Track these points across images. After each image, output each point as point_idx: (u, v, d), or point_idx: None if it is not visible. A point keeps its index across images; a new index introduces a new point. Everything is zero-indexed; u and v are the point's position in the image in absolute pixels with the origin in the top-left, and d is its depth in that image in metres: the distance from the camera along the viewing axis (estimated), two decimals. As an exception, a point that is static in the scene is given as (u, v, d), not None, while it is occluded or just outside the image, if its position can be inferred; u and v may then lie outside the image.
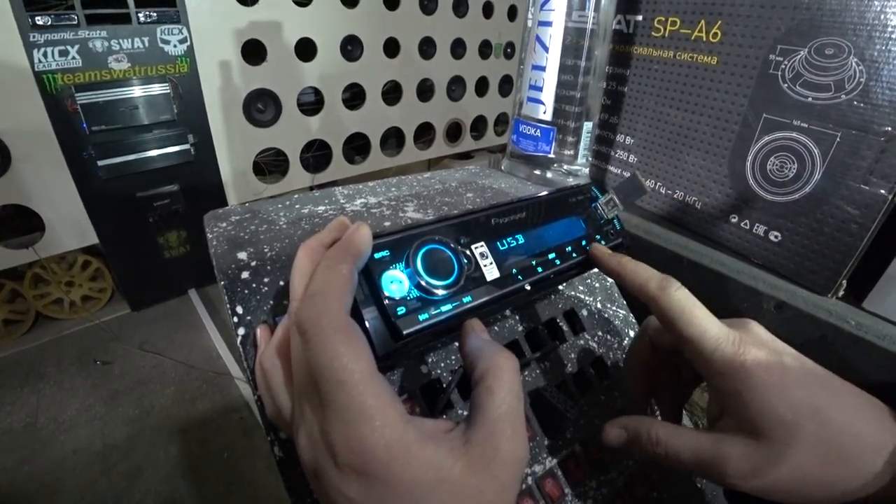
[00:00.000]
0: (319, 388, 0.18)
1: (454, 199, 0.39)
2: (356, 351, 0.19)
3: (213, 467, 1.35)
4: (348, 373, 0.18)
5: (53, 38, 1.38)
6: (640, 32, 0.48)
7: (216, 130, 1.75)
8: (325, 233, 0.24)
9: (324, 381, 0.18)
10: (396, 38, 2.09)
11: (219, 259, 0.29)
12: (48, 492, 1.26)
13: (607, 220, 0.32)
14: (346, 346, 0.18)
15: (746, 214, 0.43)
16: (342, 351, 0.18)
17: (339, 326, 0.19)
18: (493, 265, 0.24)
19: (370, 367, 0.19)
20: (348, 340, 0.19)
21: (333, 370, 0.18)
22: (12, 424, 1.43)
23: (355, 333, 0.19)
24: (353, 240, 0.21)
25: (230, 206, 0.36)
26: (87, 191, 1.57)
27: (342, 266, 0.20)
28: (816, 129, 0.37)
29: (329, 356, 0.18)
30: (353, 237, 0.21)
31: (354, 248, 0.21)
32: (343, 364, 0.18)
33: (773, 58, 0.38)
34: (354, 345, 0.19)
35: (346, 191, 0.40)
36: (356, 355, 0.18)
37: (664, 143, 0.48)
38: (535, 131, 0.47)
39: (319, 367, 0.18)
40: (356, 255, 0.21)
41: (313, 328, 0.19)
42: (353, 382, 0.18)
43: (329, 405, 0.18)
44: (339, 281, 0.20)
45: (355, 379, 0.18)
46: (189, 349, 1.73)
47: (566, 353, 0.35)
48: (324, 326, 0.19)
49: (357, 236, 0.21)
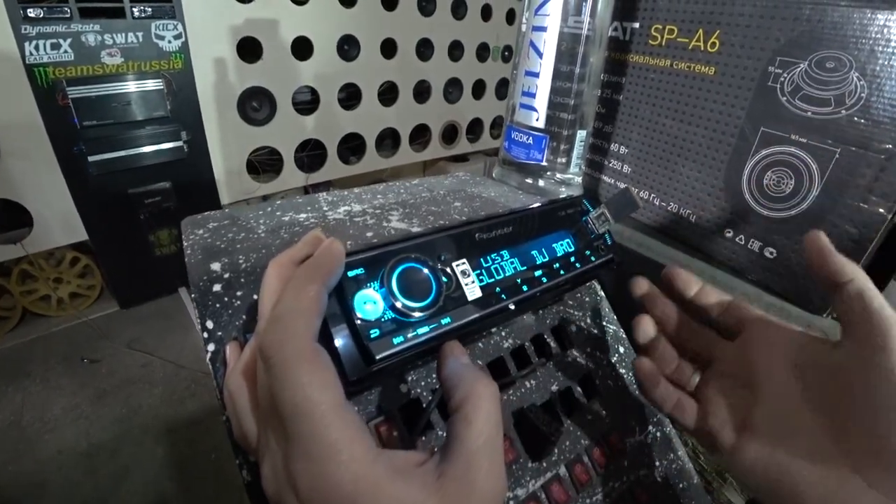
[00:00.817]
0: (282, 420, 0.17)
1: (441, 208, 0.38)
2: (322, 380, 0.17)
3: (201, 468, 1.33)
4: (313, 404, 0.17)
5: (46, 30, 1.36)
6: (636, 40, 0.47)
7: (210, 128, 1.73)
8: (298, 248, 0.22)
9: (287, 413, 0.17)
10: (394, 38, 2.08)
11: (192, 269, 0.28)
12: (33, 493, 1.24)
13: (598, 235, 0.31)
14: (312, 376, 0.17)
15: (742, 229, 0.42)
16: (307, 381, 0.17)
17: (304, 354, 0.18)
18: (475, 284, 0.23)
19: (337, 397, 0.18)
20: (314, 369, 0.17)
21: (297, 402, 0.17)
22: (-4, 423, 1.40)
23: (322, 361, 0.18)
24: (323, 258, 0.20)
25: (209, 213, 0.35)
26: (78, 186, 1.55)
27: (310, 287, 0.19)
28: (815, 144, 0.36)
29: (293, 386, 0.17)
30: (323, 255, 0.20)
31: (325, 267, 0.20)
32: (307, 395, 0.17)
33: (772, 70, 0.37)
34: (321, 374, 0.17)
35: (329, 197, 0.38)
36: (322, 385, 0.17)
37: (659, 153, 0.47)
38: (527, 139, 0.46)
39: (282, 398, 0.17)
40: (327, 275, 0.20)
41: (276, 355, 0.17)
42: (318, 415, 0.17)
43: (292, 438, 0.17)
44: (307, 303, 0.19)
45: (321, 411, 0.17)
46: (178, 348, 1.71)
47: (553, 371, 0.34)
48: (288, 354, 0.17)
49: (328, 254, 0.20)
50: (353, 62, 1.99)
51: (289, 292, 0.19)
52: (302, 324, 0.18)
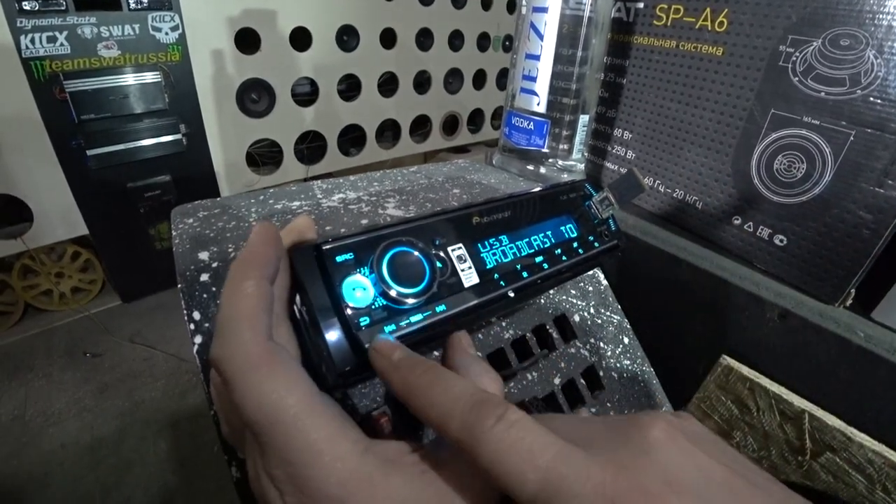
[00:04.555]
0: (253, 432, 0.16)
1: (439, 195, 0.37)
2: (285, 383, 0.16)
3: (204, 462, 1.33)
4: (280, 410, 0.15)
5: (41, 23, 1.34)
6: (640, 21, 0.45)
7: (209, 120, 1.72)
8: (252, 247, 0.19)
9: (254, 425, 0.16)
10: (393, 28, 2.05)
11: (179, 259, 0.27)
12: (36, 486, 1.25)
13: (601, 220, 0.29)
14: (272, 382, 0.16)
15: (750, 216, 0.40)
16: (267, 388, 0.16)
17: (256, 361, 0.16)
18: (472, 270, 0.22)
19: (307, 395, 0.16)
20: (272, 374, 0.16)
21: (262, 412, 0.15)
22: (0, 417, 1.41)
23: (280, 361, 0.16)
24: (253, 246, 0.18)
25: (199, 202, 0.33)
26: (77, 181, 1.54)
27: (247, 284, 0.17)
28: (828, 126, 0.34)
29: (254, 397, 0.16)
30: (253, 243, 0.18)
31: (258, 256, 0.18)
32: (271, 402, 0.15)
33: (783, 49, 0.36)
34: (282, 376, 0.16)
35: (324, 185, 0.37)
36: (286, 387, 0.16)
37: (664, 138, 0.45)
38: (528, 124, 0.45)
39: (246, 411, 0.16)
40: (262, 265, 0.18)
41: (228, 369, 0.16)
42: (288, 420, 0.15)
43: (266, 447, 0.16)
44: (248, 303, 0.17)
45: (291, 415, 0.15)
46: (180, 342, 1.71)
47: (556, 363, 0.33)
48: (238, 365, 0.16)
49: (258, 240, 0.18)
50: (353, 53, 1.97)
51: (225, 296, 0.17)
52: (247, 328, 0.17)
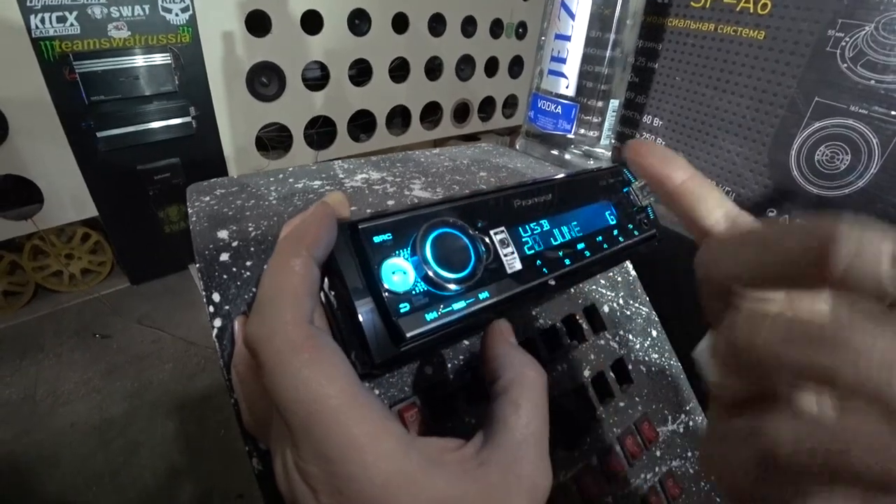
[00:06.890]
0: (287, 422, 0.15)
1: (466, 177, 0.35)
2: (328, 370, 0.15)
3: (210, 444, 1.34)
4: (321, 400, 0.14)
5: (51, 3, 1.33)
6: (677, 2, 0.43)
7: (218, 103, 1.70)
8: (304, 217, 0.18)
9: (290, 415, 0.14)
10: (405, 13, 2.02)
11: (197, 238, 0.26)
12: (46, 465, 1.26)
13: (640, 208, 0.28)
14: (312, 369, 0.15)
15: (787, 209, 0.39)
16: (307, 375, 0.14)
17: (298, 344, 0.15)
18: (515, 255, 0.21)
19: (350, 386, 0.15)
20: (313, 360, 0.15)
21: (301, 401, 0.14)
22: (11, 396, 1.42)
23: (322, 347, 0.15)
24: (308, 223, 0.17)
25: (216, 179, 0.32)
26: (87, 162, 1.54)
27: (294, 261, 0.16)
28: (878, 116, 0.33)
29: (292, 385, 0.14)
30: (308, 220, 0.17)
31: (311, 234, 0.17)
32: (312, 390, 0.14)
33: (831, 33, 0.34)
34: (324, 363, 0.15)
35: (346, 165, 0.36)
36: (329, 376, 0.15)
37: (697, 126, 0.44)
38: (555, 108, 0.43)
39: (282, 399, 0.15)
40: (313, 244, 0.17)
41: (265, 352, 0.15)
42: (328, 412, 0.14)
43: (301, 440, 0.14)
44: (293, 282, 0.16)
45: (331, 406, 0.14)
46: (188, 325, 1.72)
47: (585, 354, 0.32)
48: (278, 348, 0.15)
49: (313, 218, 0.17)
50: (364, 37, 1.94)
51: (269, 273, 0.16)
52: (290, 309, 0.16)
